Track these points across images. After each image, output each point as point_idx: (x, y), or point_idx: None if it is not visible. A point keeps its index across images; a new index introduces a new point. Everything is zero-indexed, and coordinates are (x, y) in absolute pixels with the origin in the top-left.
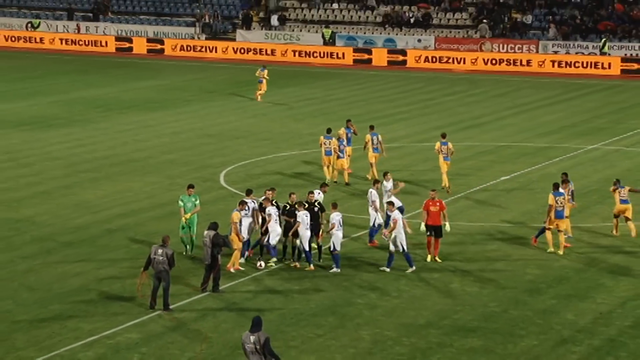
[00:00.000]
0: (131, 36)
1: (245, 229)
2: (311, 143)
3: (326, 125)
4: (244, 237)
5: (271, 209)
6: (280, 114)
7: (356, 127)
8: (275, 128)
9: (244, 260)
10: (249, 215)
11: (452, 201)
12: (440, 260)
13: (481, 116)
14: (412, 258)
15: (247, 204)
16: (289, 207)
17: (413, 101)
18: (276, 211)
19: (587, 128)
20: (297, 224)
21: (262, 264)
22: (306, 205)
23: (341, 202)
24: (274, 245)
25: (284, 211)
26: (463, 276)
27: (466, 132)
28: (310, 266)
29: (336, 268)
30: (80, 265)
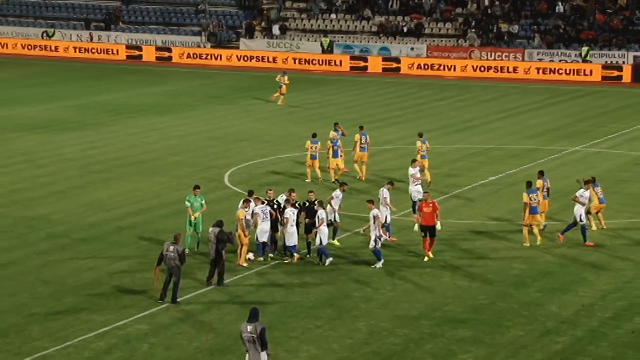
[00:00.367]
0: (141, 44)
1: (265, 233)
2: None
3: (325, 129)
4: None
5: (289, 210)
6: (281, 117)
7: (344, 129)
8: (276, 131)
9: (272, 255)
10: (267, 219)
11: (443, 200)
12: (432, 256)
13: (471, 120)
14: (382, 254)
15: (251, 202)
16: (308, 204)
17: (406, 106)
18: (294, 212)
19: (570, 131)
20: (321, 221)
21: (251, 256)
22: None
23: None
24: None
25: (303, 208)
26: (453, 271)
27: (457, 135)
28: (328, 260)
29: (328, 258)
30: (93, 261)
